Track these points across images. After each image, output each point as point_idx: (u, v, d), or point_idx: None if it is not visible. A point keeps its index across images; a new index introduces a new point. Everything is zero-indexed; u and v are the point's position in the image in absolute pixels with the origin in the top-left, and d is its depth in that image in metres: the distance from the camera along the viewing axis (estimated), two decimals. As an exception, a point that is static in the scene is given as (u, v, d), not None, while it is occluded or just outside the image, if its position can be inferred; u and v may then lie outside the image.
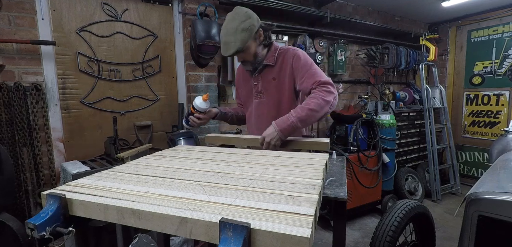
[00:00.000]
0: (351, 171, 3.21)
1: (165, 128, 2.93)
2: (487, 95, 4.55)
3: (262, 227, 0.50)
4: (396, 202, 2.07)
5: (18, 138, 2.15)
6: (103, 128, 2.60)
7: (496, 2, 3.99)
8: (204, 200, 0.64)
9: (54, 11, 2.30)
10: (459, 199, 4.13)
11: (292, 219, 0.54)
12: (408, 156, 4.26)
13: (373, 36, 4.17)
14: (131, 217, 0.60)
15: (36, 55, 2.23)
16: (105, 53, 2.56)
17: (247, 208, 0.60)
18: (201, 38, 2.51)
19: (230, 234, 0.48)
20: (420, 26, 4.89)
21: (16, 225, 1.75)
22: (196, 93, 2.84)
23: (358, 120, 3.37)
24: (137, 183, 0.78)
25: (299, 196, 0.67)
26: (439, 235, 2.44)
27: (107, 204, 0.62)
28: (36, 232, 0.58)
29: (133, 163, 1.03)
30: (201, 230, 0.53)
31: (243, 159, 1.08)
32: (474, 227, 1.20)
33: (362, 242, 3.00)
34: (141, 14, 2.69)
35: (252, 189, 0.72)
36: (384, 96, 4.05)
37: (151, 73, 2.80)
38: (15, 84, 2.11)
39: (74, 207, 0.66)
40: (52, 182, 2.32)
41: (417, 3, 3.92)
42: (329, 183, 1.08)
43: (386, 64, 4.14)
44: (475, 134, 4.73)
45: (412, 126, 4.30)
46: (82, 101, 2.49)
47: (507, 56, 4.27)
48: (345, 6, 3.89)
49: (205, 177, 0.83)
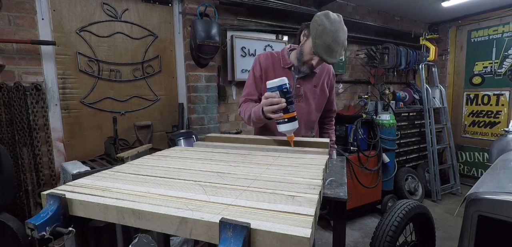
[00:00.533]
0: (351, 171, 3.21)
1: (165, 128, 2.93)
2: (487, 95, 4.55)
3: (262, 227, 0.49)
4: (396, 202, 2.07)
5: (18, 138, 2.15)
6: (103, 128, 2.60)
7: (496, 2, 3.99)
8: (204, 200, 0.64)
9: (54, 11, 2.30)
10: (459, 199, 4.13)
11: (292, 219, 0.54)
12: (408, 156, 4.27)
13: (373, 36, 4.17)
14: (131, 217, 0.60)
15: (36, 55, 2.23)
16: (105, 53, 2.56)
17: (247, 208, 0.59)
18: (201, 38, 2.51)
19: (230, 234, 0.48)
20: (420, 26, 4.89)
21: (16, 225, 1.75)
22: (196, 93, 2.84)
23: (358, 120, 3.37)
24: (137, 183, 0.77)
25: (299, 196, 0.67)
26: (439, 235, 2.44)
27: (107, 204, 0.62)
28: (36, 232, 0.58)
29: (133, 163, 1.03)
30: (201, 230, 0.53)
31: (243, 159, 1.08)
32: (474, 227, 1.20)
33: (362, 242, 3.00)
34: (141, 14, 2.69)
35: (252, 189, 0.72)
36: (384, 96, 4.05)
37: (151, 73, 2.80)
38: (15, 84, 2.12)
39: (74, 207, 0.66)
40: (52, 182, 2.32)
41: (417, 3, 3.92)
42: (329, 183, 1.08)
43: (386, 64, 4.14)
44: (475, 134, 4.73)
45: (412, 126, 4.30)
46: (82, 101, 2.49)
47: (507, 56, 4.27)
48: (345, 6, 3.89)
49: (205, 177, 0.83)
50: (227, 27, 2.94)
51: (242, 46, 2.98)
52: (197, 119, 2.87)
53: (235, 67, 2.95)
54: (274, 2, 3.05)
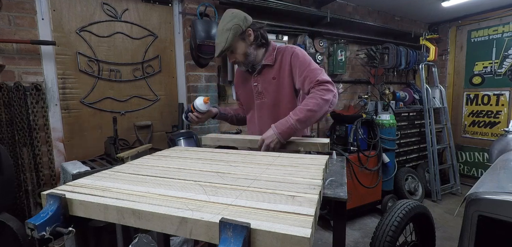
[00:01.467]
0: (351, 171, 3.21)
1: (165, 128, 2.93)
2: (487, 95, 4.55)
3: (262, 227, 0.50)
4: (396, 202, 2.07)
5: (18, 138, 2.15)
6: (103, 128, 2.60)
7: (496, 2, 3.99)
8: (204, 200, 0.64)
9: (54, 11, 2.30)
10: (459, 199, 4.13)
11: (292, 219, 0.54)
12: (408, 156, 4.26)
13: (373, 36, 4.17)
14: (131, 217, 0.60)
15: (36, 55, 2.23)
16: (105, 53, 2.56)
17: (247, 208, 0.60)
18: (201, 38, 2.51)
19: (230, 234, 0.48)
20: (420, 26, 4.89)
21: (16, 225, 1.75)
22: (196, 93, 2.84)
23: (358, 120, 3.37)
24: (137, 183, 0.77)
25: (299, 196, 0.67)
26: (439, 235, 2.44)
27: (107, 204, 0.62)
28: (36, 232, 0.58)
29: (133, 163, 1.03)
30: (201, 230, 0.53)
31: (243, 159, 1.08)
32: (474, 227, 1.20)
33: (362, 242, 3.00)
34: (141, 14, 2.69)
35: (252, 189, 0.72)
36: (384, 96, 4.05)
37: (151, 73, 2.80)
38: (15, 84, 2.11)
39: (74, 207, 0.66)
40: (52, 182, 2.32)
41: (417, 3, 3.92)
42: (329, 183, 1.08)
43: (386, 64, 4.14)
44: (475, 134, 4.73)
45: (412, 126, 4.30)
46: (82, 101, 2.49)
47: (507, 56, 4.26)
48: (345, 6, 3.88)
49: (205, 177, 0.83)
50: (227, 27, 2.93)
51: (242, 46, 2.98)
52: (197, 119, 2.86)
53: (235, 68, 2.95)
54: (274, 2, 3.05)
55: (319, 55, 3.54)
